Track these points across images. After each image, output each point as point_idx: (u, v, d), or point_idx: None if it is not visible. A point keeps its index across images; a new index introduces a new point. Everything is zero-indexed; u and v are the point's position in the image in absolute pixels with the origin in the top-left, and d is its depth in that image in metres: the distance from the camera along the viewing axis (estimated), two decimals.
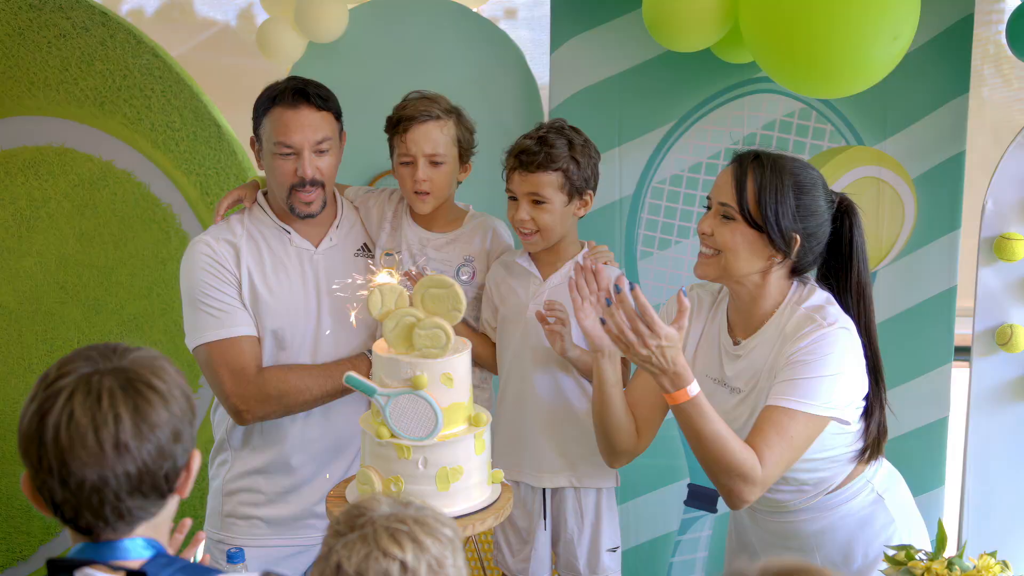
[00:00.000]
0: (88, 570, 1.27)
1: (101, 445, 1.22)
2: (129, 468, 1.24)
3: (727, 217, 1.92)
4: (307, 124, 2.20)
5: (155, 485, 1.27)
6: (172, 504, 1.33)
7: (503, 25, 3.86)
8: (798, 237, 1.91)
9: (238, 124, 2.76)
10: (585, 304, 2.06)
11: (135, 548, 1.30)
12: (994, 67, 3.92)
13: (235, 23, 4.36)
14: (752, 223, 1.90)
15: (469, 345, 1.91)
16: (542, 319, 2.16)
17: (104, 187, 2.94)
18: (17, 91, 2.91)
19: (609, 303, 1.81)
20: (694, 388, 1.82)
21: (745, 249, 1.92)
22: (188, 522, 1.75)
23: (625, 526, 2.93)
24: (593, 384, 2.04)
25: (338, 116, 2.28)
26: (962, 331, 2.80)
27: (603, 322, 1.83)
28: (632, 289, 1.79)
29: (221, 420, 2.35)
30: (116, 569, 1.27)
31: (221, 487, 2.36)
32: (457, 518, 1.83)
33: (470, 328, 2.36)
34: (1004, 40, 2.63)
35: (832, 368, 1.86)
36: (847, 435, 1.94)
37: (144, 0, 4.34)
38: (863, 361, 1.92)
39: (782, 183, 1.89)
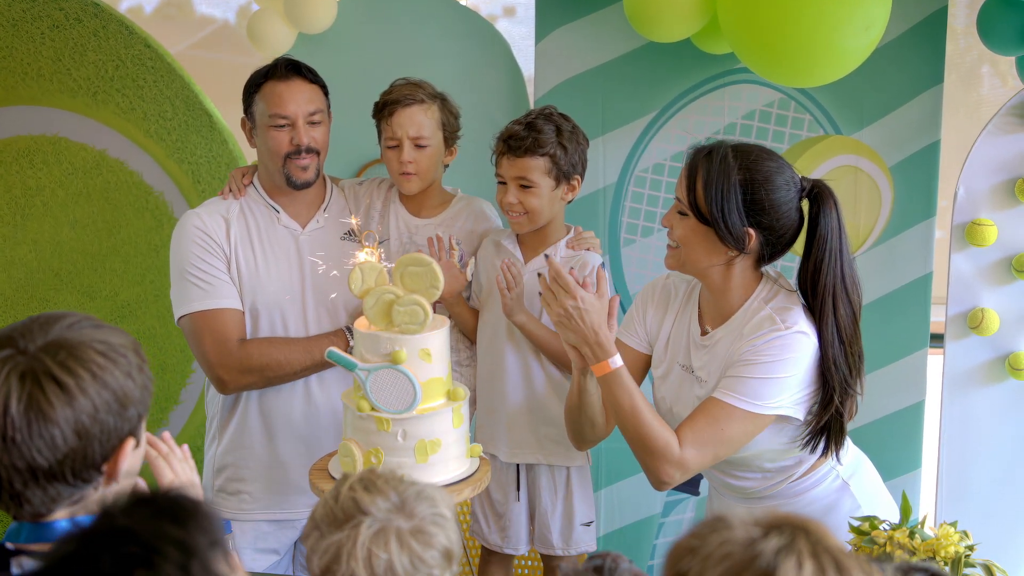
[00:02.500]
0: (22, 560, 1.23)
1: None
2: (17, 462, 1.18)
3: (682, 213, 1.94)
4: (300, 95, 2.28)
5: (55, 477, 1.20)
6: (109, 488, 1.26)
7: (502, 22, 3.92)
8: (752, 232, 1.90)
9: (236, 120, 2.79)
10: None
11: (70, 527, 1.23)
12: (992, 66, 3.98)
13: (234, 20, 4.41)
14: (703, 219, 1.91)
15: (447, 322, 1.97)
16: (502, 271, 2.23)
17: (97, 176, 2.99)
18: (11, 81, 2.95)
19: (541, 274, 1.91)
20: (616, 361, 1.89)
21: (699, 244, 1.93)
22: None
23: (609, 508, 2.99)
24: (572, 390, 2.07)
25: (326, 93, 2.35)
26: (936, 319, 2.86)
27: (540, 294, 1.91)
28: (547, 257, 1.91)
29: (213, 398, 2.41)
30: (43, 555, 1.22)
31: (212, 462, 2.42)
32: None
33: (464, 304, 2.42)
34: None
35: (782, 371, 1.88)
36: (802, 431, 1.96)
37: None
38: (817, 368, 1.91)
39: (728, 180, 1.88)
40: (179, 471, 1.51)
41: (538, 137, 2.22)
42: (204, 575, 0.92)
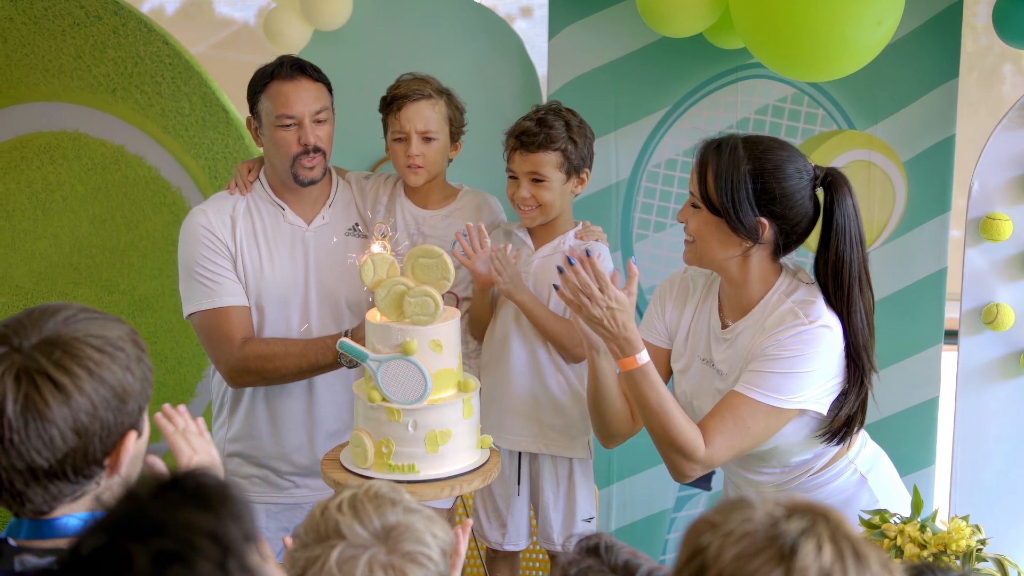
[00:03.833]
0: (24, 557, 1.20)
1: None
2: (16, 463, 1.16)
3: (695, 206, 1.95)
4: (306, 94, 2.30)
5: (56, 476, 1.18)
6: (112, 481, 1.23)
7: (519, 23, 3.94)
8: (766, 223, 1.90)
9: None
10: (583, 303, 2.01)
11: (72, 523, 1.21)
12: (1014, 64, 3.97)
13: (253, 21, 4.46)
14: (715, 211, 1.91)
15: (458, 313, 1.98)
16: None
17: (116, 171, 3.02)
18: (33, 78, 2.99)
19: (561, 271, 1.87)
20: (643, 357, 1.87)
21: (713, 237, 1.93)
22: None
23: (621, 504, 3.00)
24: (588, 376, 2.08)
25: (330, 90, 2.38)
26: (951, 315, 2.85)
27: (556, 288, 1.89)
28: (588, 255, 1.86)
29: (218, 384, 2.46)
30: (46, 552, 1.19)
31: (221, 446, 2.47)
32: (445, 479, 1.91)
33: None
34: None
35: (806, 366, 1.87)
36: (825, 423, 1.96)
37: None
38: (842, 359, 1.91)
39: (738, 171, 1.88)
40: (197, 446, 1.48)
41: (549, 132, 2.25)
42: (241, 573, 0.87)
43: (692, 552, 0.99)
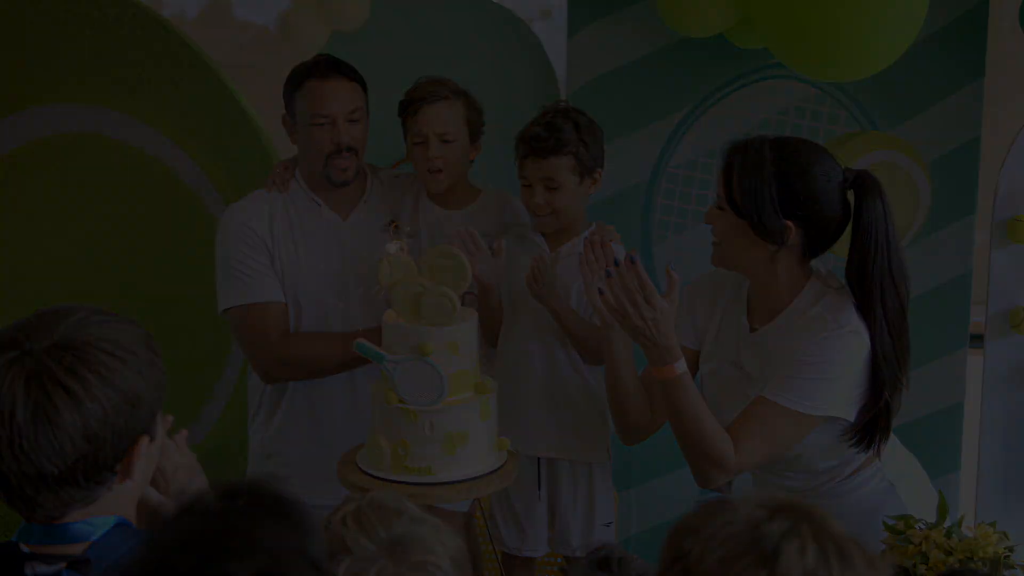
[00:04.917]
0: (35, 564, 1.18)
1: None
2: (26, 469, 1.14)
3: (721, 208, 1.93)
4: (341, 94, 2.32)
5: (66, 482, 1.16)
6: (124, 485, 1.22)
7: (538, 24, 3.94)
8: (791, 225, 1.87)
9: (277, 125, 2.83)
10: (596, 281, 2.03)
11: (84, 528, 1.20)
12: None
13: (273, 25, 4.48)
14: (740, 214, 1.89)
15: (475, 314, 1.97)
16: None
17: (134, 173, 3.03)
18: (51, 80, 3.01)
19: (609, 274, 1.85)
20: (681, 366, 1.85)
21: (739, 240, 1.91)
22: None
23: (640, 508, 2.97)
24: (605, 360, 2.07)
25: (365, 89, 2.39)
26: (976, 319, 2.81)
27: (600, 292, 1.86)
28: (633, 262, 1.83)
29: (256, 384, 2.46)
30: (57, 558, 1.18)
31: (258, 448, 2.48)
32: (462, 482, 1.90)
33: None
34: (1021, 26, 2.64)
35: (833, 372, 1.85)
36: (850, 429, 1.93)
37: (185, 4, 4.48)
38: (868, 366, 1.88)
39: (762, 173, 1.86)
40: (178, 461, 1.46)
41: (560, 136, 2.23)
42: None
43: (674, 556, 0.98)
